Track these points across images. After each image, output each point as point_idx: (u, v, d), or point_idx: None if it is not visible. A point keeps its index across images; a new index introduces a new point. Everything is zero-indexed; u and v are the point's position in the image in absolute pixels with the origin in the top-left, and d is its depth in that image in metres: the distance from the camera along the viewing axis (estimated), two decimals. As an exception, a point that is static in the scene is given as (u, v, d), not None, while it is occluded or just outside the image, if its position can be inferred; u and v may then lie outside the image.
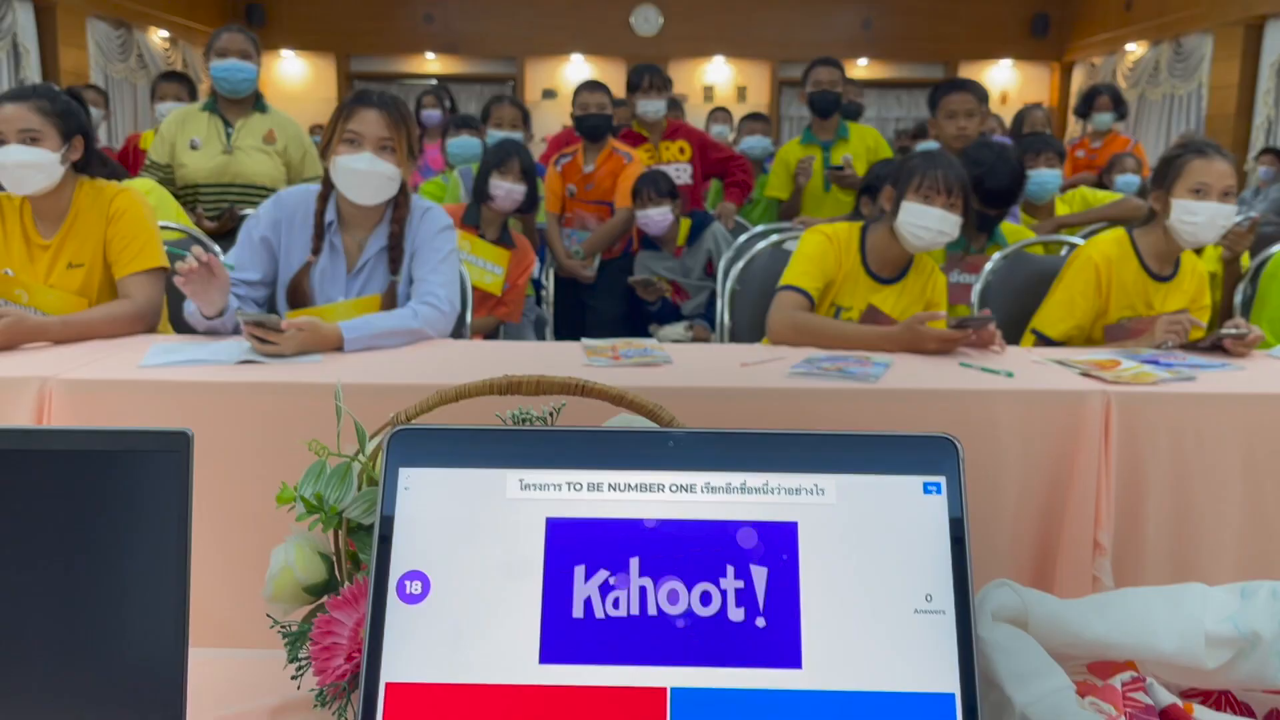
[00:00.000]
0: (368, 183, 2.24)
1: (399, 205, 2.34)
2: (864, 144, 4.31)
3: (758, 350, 2.25)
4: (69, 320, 2.12)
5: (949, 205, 2.34)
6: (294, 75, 10.50)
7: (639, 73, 4.18)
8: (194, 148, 3.52)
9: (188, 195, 3.60)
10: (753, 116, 5.35)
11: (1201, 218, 2.37)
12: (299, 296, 2.32)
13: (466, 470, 0.60)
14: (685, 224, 3.86)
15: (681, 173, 4.10)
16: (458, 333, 2.52)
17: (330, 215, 2.32)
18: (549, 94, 10.06)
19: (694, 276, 3.75)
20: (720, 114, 6.69)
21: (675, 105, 5.31)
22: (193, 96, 4.47)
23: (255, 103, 3.62)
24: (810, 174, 4.23)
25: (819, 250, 2.45)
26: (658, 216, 3.71)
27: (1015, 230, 3.14)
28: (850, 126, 4.35)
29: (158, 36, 8.86)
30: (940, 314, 2.29)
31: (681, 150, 4.23)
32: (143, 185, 3.02)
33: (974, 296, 2.78)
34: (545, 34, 10.24)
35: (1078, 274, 2.50)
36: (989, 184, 2.89)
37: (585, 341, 2.24)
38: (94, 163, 2.34)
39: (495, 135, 3.89)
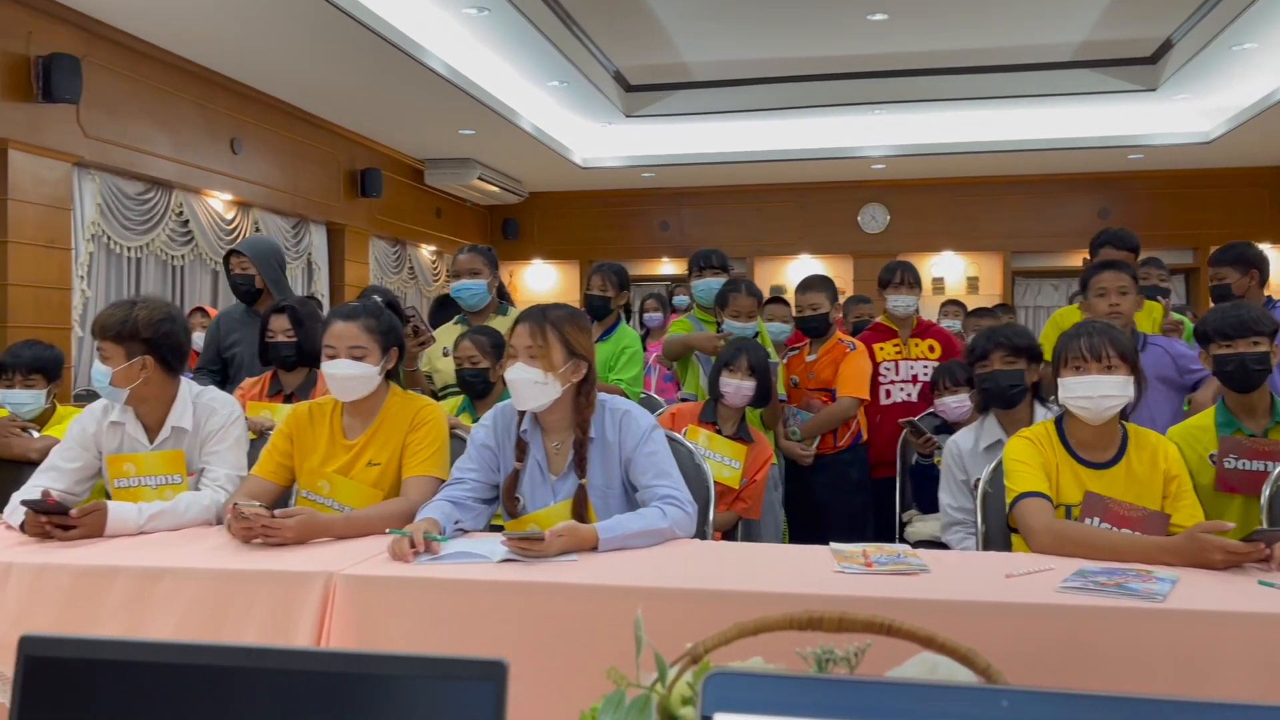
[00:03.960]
0: (518, 389, 2.32)
1: (581, 410, 2.37)
2: (1150, 317, 4.02)
3: (1022, 560, 2.11)
4: (351, 518, 2.29)
5: (1106, 369, 2.30)
6: (543, 281, 11.38)
7: (891, 269, 4.21)
8: (445, 355, 3.83)
9: (445, 395, 3.89)
10: (980, 311, 5.24)
11: None
12: (508, 503, 2.39)
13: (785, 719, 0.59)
14: None
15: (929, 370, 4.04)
16: (700, 530, 2.52)
17: (526, 424, 2.41)
18: (777, 291, 10.33)
19: None
20: (951, 308, 6.49)
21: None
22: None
23: (497, 307, 3.88)
24: None
25: (1029, 453, 2.39)
26: (954, 404, 3.71)
27: None
28: None
29: (425, 251, 9.89)
30: (1227, 525, 2.08)
31: (931, 349, 4.18)
32: None
33: (1266, 492, 2.51)
34: (774, 235, 10.62)
35: None
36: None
37: (834, 546, 2.18)
38: (400, 371, 2.59)
39: (731, 325, 3.97)
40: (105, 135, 5.62)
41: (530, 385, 2.31)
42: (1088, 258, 4.07)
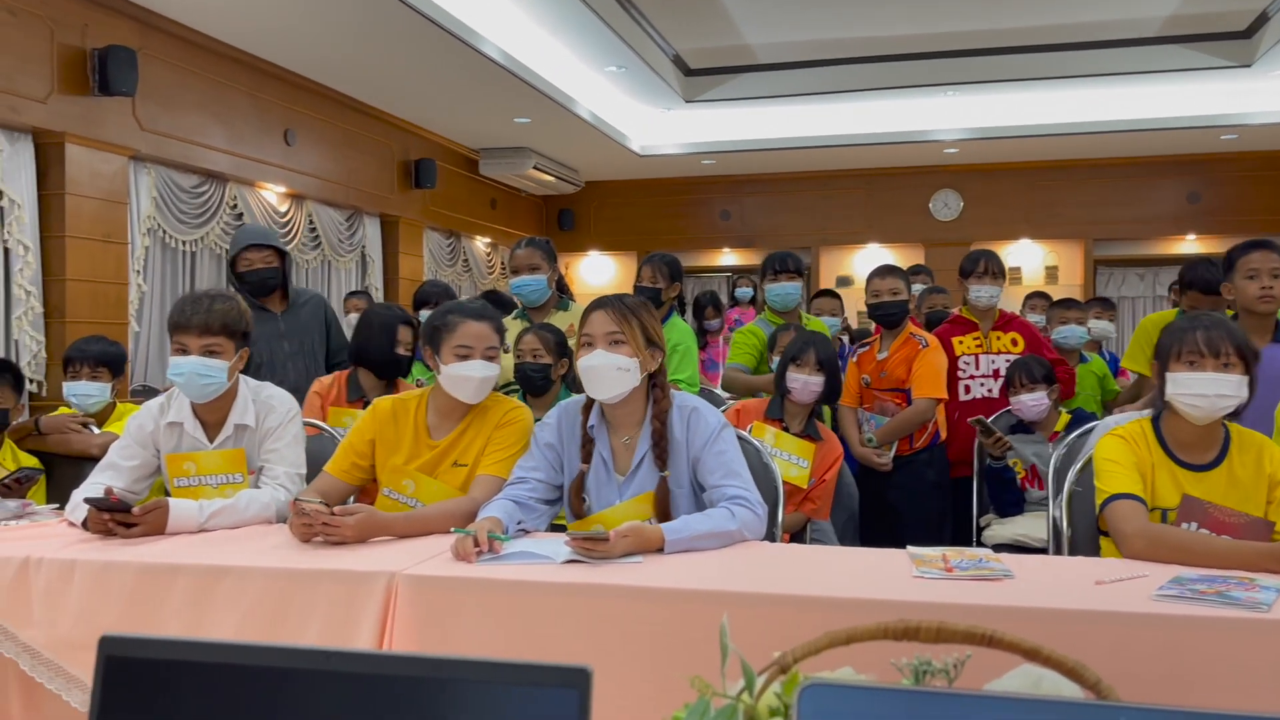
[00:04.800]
0: (602, 376, 2.25)
1: (658, 401, 2.31)
2: None
3: (1114, 566, 2.00)
4: (411, 516, 2.26)
5: (1223, 366, 2.16)
6: (601, 273, 11.29)
7: (974, 258, 4.08)
8: (505, 351, 3.80)
9: (506, 393, 3.86)
10: (1067, 303, 5.05)
11: None
12: (575, 504, 2.33)
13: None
14: (1065, 418, 3.68)
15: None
16: (768, 531, 2.44)
17: (594, 421, 2.34)
18: (843, 282, 10.13)
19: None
20: (1037, 301, 6.13)
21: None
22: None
23: (557, 302, 3.81)
24: None
25: (1122, 452, 2.26)
26: (1031, 402, 3.60)
27: None
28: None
29: (480, 243, 9.90)
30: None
31: (1014, 342, 4.02)
32: None
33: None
34: (840, 223, 10.38)
35: None
36: None
37: (911, 550, 2.08)
38: None
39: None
40: (160, 128, 5.65)
41: (613, 372, 2.25)
42: (1177, 285, 3.89)
